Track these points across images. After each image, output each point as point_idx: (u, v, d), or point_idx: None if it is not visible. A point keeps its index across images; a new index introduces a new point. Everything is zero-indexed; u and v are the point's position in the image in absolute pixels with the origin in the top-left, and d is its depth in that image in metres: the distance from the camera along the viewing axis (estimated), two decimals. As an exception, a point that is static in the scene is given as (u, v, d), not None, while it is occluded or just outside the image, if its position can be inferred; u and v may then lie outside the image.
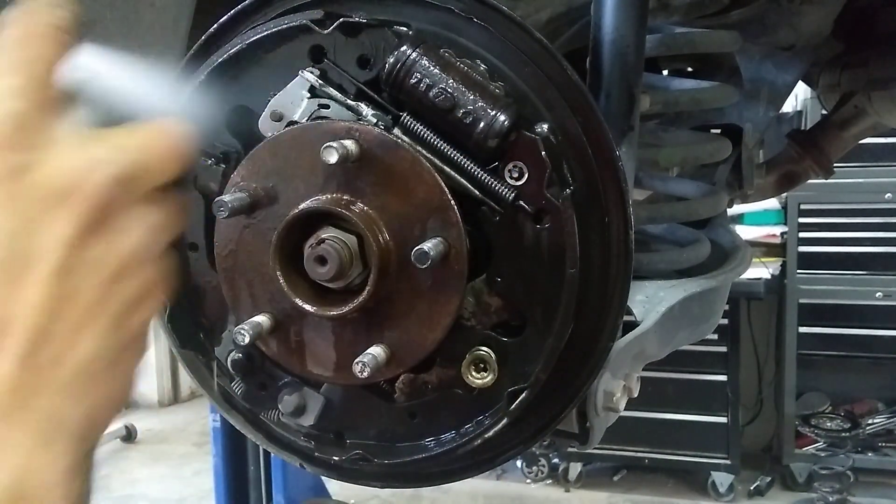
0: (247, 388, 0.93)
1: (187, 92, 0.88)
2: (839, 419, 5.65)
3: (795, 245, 5.47)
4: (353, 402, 0.91)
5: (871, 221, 5.40)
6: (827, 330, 5.60)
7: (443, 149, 0.82)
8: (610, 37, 1.16)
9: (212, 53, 0.89)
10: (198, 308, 0.94)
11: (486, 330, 0.86)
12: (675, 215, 1.66)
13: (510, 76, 0.83)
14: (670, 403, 5.46)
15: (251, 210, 0.85)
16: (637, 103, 1.20)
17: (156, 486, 6.19)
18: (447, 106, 0.80)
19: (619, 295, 0.86)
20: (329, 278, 0.80)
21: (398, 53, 0.81)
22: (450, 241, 0.80)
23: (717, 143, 1.70)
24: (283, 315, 0.87)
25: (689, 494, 5.64)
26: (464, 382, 0.86)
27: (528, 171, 0.81)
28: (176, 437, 7.18)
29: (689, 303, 1.38)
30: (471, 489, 5.69)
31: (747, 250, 1.79)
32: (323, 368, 0.88)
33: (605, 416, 1.07)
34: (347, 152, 0.79)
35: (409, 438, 0.90)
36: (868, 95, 1.97)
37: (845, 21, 1.81)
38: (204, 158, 0.89)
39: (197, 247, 0.93)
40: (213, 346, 0.94)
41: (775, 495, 5.61)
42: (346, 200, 0.82)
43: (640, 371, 1.20)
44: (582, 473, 5.80)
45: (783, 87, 1.95)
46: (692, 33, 1.57)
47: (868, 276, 5.39)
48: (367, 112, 0.83)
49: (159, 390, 7.88)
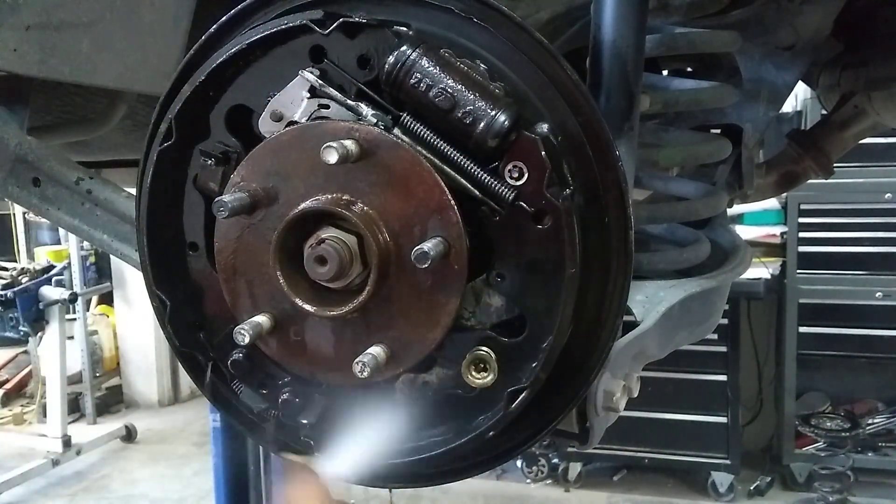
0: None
1: None
2: (839, 419, 5.64)
3: (795, 245, 5.47)
4: (353, 401, 0.91)
5: (871, 221, 5.39)
6: (827, 330, 5.60)
7: (443, 149, 0.81)
8: (610, 37, 1.16)
9: (212, 53, 0.89)
10: (198, 308, 0.94)
11: (486, 330, 0.86)
12: (675, 215, 1.66)
13: (510, 76, 0.83)
14: (670, 403, 5.45)
15: (251, 210, 0.85)
16: (637, 103, 1.20)
17: (156, 486, 6.19)
18: (447, 106, 0.80)
19: (619, 295, 0.86)
20: (329, 278, 0.80)
21: (398, 53, 0.81)
22: (450, 241, 0.80)
23: (717, 143, 1.70)
24: (283, 315, 0.87)
25: (688, 494, 5.64)
26: (464, 382, 0.86)
27: (528, 171, 0.81)
28: (176, 437, 7.18)
29: (689, 303, 1.38)
30: (471, 489, 5.69)
31: (747, 250, 1.78)
32: (323, 368, 0.88)
33: (605, 415, 1.07)
34: (347, 152, 0.79)
35: (409, 439, 0.90)
36: (868, 95, 1.97)
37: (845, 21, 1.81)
38: (204, 158, 0.89)
39: (197, 247, 0.93)
40: (212, 345, 0.94)
41: (775, 495, 5.61)
42: (346, 200, 0.82)
43: (639, 371, 1.20)
44: (582, 473, 5.80)
45: (783, 87, 1.94)
46: (692, 33, 1.57)
47: (868, 275, 5.38)
48: (367, 112, 0.83)
49: (159, 390, 7.88)
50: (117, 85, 1.23)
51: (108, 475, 6.40)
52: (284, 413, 0.92)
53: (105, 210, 1.25)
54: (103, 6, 1.14)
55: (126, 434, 6.98)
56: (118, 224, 1.25)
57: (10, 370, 7.98)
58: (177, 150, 0.90)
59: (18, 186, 1.24)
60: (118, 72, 1.19)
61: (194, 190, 0.91)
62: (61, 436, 6.31)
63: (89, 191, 1.25)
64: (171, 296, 0.93)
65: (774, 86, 1.93)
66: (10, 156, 1.22)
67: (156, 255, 0.93)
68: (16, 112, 1.25)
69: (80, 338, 7.28)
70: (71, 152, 1.69)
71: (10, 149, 1.21)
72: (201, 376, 0.97)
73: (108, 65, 1.17)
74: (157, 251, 0.93)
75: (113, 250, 1.26)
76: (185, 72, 0.90)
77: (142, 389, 7.93)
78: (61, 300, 6.32)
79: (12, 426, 7.30)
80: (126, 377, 7.99)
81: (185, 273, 0.94)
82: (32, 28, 1.07)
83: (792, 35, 1.82)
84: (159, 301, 0.93)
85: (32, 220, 8.48)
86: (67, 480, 6.31)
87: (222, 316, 0.92)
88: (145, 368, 7.87)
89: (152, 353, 7.75)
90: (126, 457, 6.78)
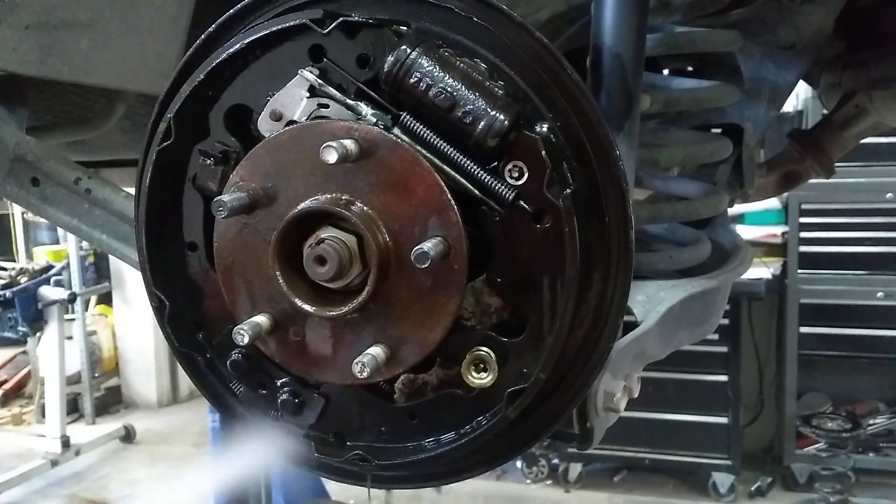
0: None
1: None
2: (840, 419, 5.65)
3: (796, 245, 5.47)
4: (353, 402, 0.91)
5: (872, 221, 5.40)
6: (828, 330, 5.60)
7: (443, 148, 0.81)
8: (610, 36, 1.16)
9: (211, 53, 0.89)
10: (197, 308, 0.94)
11: (486, 330, 0.85)
12: (675, 215, 1.66)
13: (510, 75, 0.82)
14: (671, 404, 5.45)
15: (250, 210, 0.85)
16: (637, 103, 1.20)
17: (155, 486, 6.19)
18: (447, 105, 0.80)
19: (619, 295, 0.86)
20: (328, 278, 0.80)
21: (398, 53, 0.81)
22: (450, 241, 0.80)
23: (718, 142, 1.69)
24: (283, 315, 0.86)
25: (689, 495, 5.63)
26: (464, 382, 0.86)
27: (528, 171, 0.80)
28: (175, 437, 7.18)
29: (690, 303, 1.37)
30: (471, 489, 5.69)
31: (748, 250, 1.78)
32: (322, 368, 0.87)
33: (606, 416, 1.07)
34: (347, 152, 0.78)
35: (409, 439, 0.90)
36: (869, 95, 1.96)
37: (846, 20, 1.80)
38: (203, 158, 0.88)
39: (196, 246, 0.93)
40: (211, 346, 0.93)
41: (776, 496, 5.61)
42: (346, 200, 0.82)
43: (640, 371, 1.19)
44: (582, 474, 5.80)
45: (784, 87, 1.94)
46: (693, 32, 1.57)
47: (869, 275, 5.39)
48: (366, 111, 0.83)
49: (158, 391, 7.88)
50: (116, 84, 1.23)
51: (106, 476, 6.40)
52: (283, 413, 0.92)
53: (104, 210, 1.25)
54: (102, 5, 1.14)
55: (125, 434, 6.98)
56: (117, 224, 1.25)
57: (8, 370, 7.98)
58: (176, 150, 0.89)
59: (17, 186, 1.24)
60: (117, 71, 1.19)
61: (193, 189, 0.91)
62: (60, 436, 6.31)
63: (88, 190, 1.25)
64: (169, 296, 0.93)
65: (775, 85, 1.93)
66: (8, 155, 1.21)
67: (155, 254, 0.93)
68: (14, 111, 1.24)
69: (78, 338, 7.28)
70: (70, 152, 1.69)
71: (9, 148, 1.21)
72: (200, 376, 0.97)
73: (106, 64, 1.17)
74: (156, 251, 0.93)
75: (112, 250, 1.26)
76: (184, 71, 0.90)
77: (141, 390, 7.93)
78: (60, 300, 6.32)
79: (11, 426, 7.30)
80: (125, 377, 7.99)
81: (184, 273, 0.94)
82: (31, 27, 1.07)
83: (793, 34, 1.81)
84: (158, 301, 0.93)
85: (31, 220, 8.48)
86: (66, 481, 6.31)
87: (221, 316, 0.92)
88: (144, 369, 7.87)
89: (151, 353, 7.75)
90: (125, 457, 6.79)
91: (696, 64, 1.85)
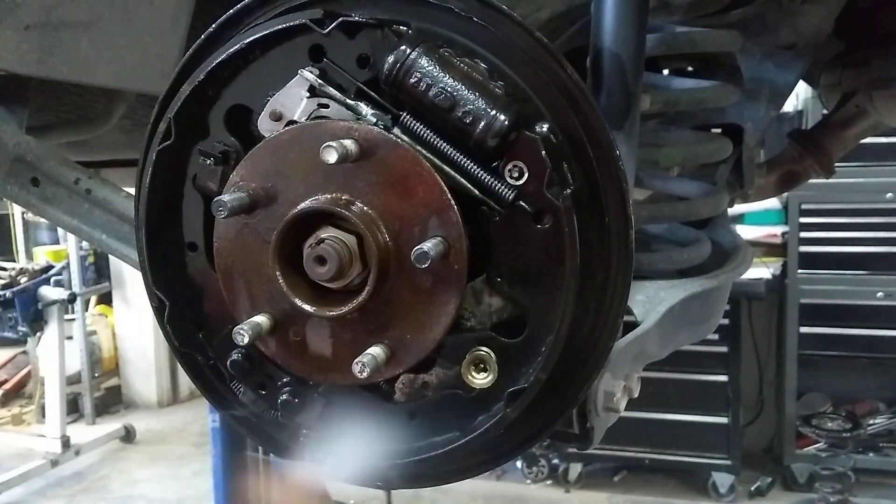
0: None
1: None
2: (840, 419, 5.65)
3: (796, 245, 5.47)
4: (353, 402, 0.90)
5: (872, 221, 5.40)
6: (828, 330, 5.60)
7: (443, 148, 0.81)
8: (610, 36, 1.16)
9: (211, 53, 0.89)
10: (197, 308, 0.94)
11: (486, 330, 0.85)
12: (675, 215, 1.66)
13: (510, 76, 0.82)
14: (671, 404, 5.45)
15: (250, 210, 0.85)
16: (637, 103, 1.20)
17: (155, 486, 6.19)
18: (447, 105, 0.80)
19: (619, 295, 0.86)
20: (328, 278, 0.80)
21: (397, 53, 0.81)
22: (450, 241, 0.80)
23: (718, 142, 1.69)
24: (283, 315, 0.86)
25: (689, 495, 5.63)
26: (464, 382, 0.86)
27: (528, 171, 0.80)
28: (175, 437, 7.18)
29: (690, 303, 1.38)
30: (471, 489, 5.69)
31: (748, 250, 1.78)
32: (322, 368, 0.87)
33: (606, 416, 1.07)
34: (347, 152, 0.78)
35: (409, 439, 0.90)
36: (869, 95, 1.97)
37: (846, 20, 1.80)
38: (203, 158, 0.88)
39: (196, 246, 0.93)
40: (211, 346, 0.93)
41: (776, 496, 5.61)
42: (346, 200, 0.82)
43: (640, 371, 1.19)
44: (582, 474, 5.80)
45: (784, 87, 1.94)
46: (693, 32, 1.57)
47: (869, 275, 5.39)
48: (366, 111, 0.83)
49: (158, 391, 7.88)
50: (116, 84, 1.23)
51: (107, 476, 6.40)
52: (283, 413, 0.92)
53: (104, 210, 1.25)
54: (102, 5, 1.14)
55: (125, 434, 6.98)
56: (117, 224, 1.25)
57: (8, 370, 7.98)
58: (176, 150, 0.89)
59: (17, 186, 1.24)
60: (117, 71, 1.19)
61: (193, 190, 0.91)
62: (60, 436, 6.31)
63: (88, 190, 1.25)
64: (170, 296, 0.93)
65: (775, 85, 1.93)
66: (8, 155, 1.21)
67: (155, 254, 0.93)
68: (14, 112, 1.24)
69: (78, 338, 7.28)
70: (70, 152, 1.69)
71: (9, 148, 1.21)
72: (200, 376, 0.97)
73: (106, 64, 1.17)
74: (156, 251, 0.93)
75: (112, 250, 1.26)
76: (184, 71, 0.90)
77: (141, 390, 7.92)
78: (60, 300, 6.32)
79: (11, 427, 7.30)
80: (125, 377, 7.99)
81: (184, 273, 0.94)
82: (31, 27, 1.07)
83: (793, 34, 1.82)
84: (158, 301, 0.93)
85: (31, 220, 8.48)
86: (66, 481, 6.31)
87: (221, 316, 0.92)
88: (144, 369, 7.87)
89: (151, 353, 7.75)
90: (125, 457, 6.78)
91: (696, 64, 1.85)
